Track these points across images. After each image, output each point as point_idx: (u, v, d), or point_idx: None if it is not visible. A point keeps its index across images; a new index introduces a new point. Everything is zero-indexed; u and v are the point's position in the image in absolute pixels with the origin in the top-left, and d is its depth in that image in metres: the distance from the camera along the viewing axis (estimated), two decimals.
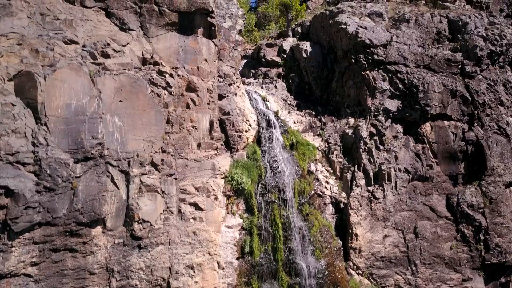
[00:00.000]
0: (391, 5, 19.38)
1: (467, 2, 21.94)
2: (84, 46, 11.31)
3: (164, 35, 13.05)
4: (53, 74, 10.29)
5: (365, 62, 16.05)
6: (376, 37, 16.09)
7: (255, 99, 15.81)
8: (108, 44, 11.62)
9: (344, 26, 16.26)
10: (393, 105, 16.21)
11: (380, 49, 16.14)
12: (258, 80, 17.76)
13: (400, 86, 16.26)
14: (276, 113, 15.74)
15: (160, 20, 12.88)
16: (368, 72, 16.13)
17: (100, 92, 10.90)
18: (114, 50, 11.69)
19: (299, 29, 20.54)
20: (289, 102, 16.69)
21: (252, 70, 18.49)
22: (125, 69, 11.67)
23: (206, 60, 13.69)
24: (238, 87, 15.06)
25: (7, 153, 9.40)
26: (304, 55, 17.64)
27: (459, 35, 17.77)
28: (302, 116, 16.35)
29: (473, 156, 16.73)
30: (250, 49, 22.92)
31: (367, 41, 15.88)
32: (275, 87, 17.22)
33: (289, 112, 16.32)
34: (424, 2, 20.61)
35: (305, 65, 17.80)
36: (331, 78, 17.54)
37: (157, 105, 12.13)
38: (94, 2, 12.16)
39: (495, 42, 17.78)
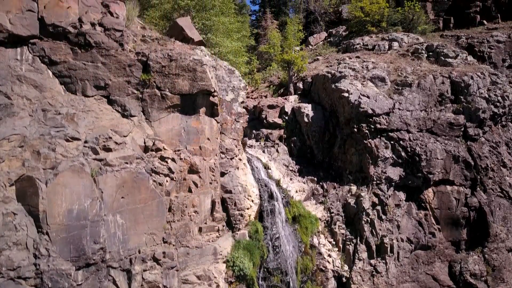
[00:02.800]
0: (393, 63, 19.29)
1: (470, 53, 21.94)
2: (86, 141, 11.22)
3: (166, 118, 12.97)
4: (55, 179, 10.22)
5: (367, 131, 15.99)
6: (379, 106, 16.03)
7: (257, 167, 15.74)
8: (110, 138, 11.54)
9: (346, 95, 16.21)
10: (395, 173, 16.15)
11: (383, 117, 16.09)
12: (260, 143, 17.70)
13: (403, 154, 16.21)
14: (278, 182, 15.67)
15: (162, 104, 12.81)
16: (370, 140, 16.08)
17: (102, 192, 10.83)
18: (116, 143, 11.61)
19: (300, 85, 20.46)
20: (291, 168, 16.63)
21: (254, 131, 18.43)
22: (126, 163, 11.58)
23: (208, 139, 13.63)
24: (240, 159, 14.99)
25: (9, 268, 9.32)
26: (306, 120, 17.57)
27: (461, 96, 17.74)
28: (304, 183, 16.28)
29: (475, 222, 16.70)
30: (251, 96, 22.87)
31: (370, 111, 15.83)
32: (277, 151, 17.16)
33: (291, 179, 16.25)
34: (426, 55, 20.60)
35: (306, 129, 17.73)
36: (333, 142, 17.49)
37: (159, 195, 12.06)
38: (96, 90, 12.07)
39: (498, 104, 17.78)
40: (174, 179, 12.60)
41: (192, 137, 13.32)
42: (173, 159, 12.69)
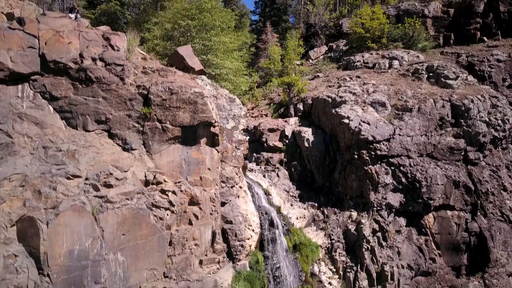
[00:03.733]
0: (394, 85, 19.28)
1: (470, 71, 21.93)
2: (86, 178, 11.21)
3: (167, 149, 12.98)
4: (56, 219, 10.22)
5: (368, 158, 15.99)
6: (379, 132, 16.03)
7: (257, 194, 15.73)
8: (111, 173, 11.53)
9: (346, 121, 16.21)
10: (396, 199, 16.15)
11: (383, 143, 16.09)
12: (260, 167, 17.70)
13: (403, 180, 16.21)
14: (279, 209, 15.66)
15: (163, 136, 12.81)
16: (371, 166, 16.08)
17: (103, 231, 10.83)
18: (117, 179, 11.61)
19: (301, 106, 20.45)
20: (291, 194, 16.63)
21: (255, 154, 18.42)
22: (127, 199, 11.58)
23: (209, 169, 13.64)
24: (241, 187, 14.99)
25: None
26: (306, 144, 17.58)
27: (462, 120, 17.74)
28: (304, 209, 16.28)
29: (476, 247, 16.68)
30: (251, 114, 22.86)
31: (370, 138, 15.83)
32: (277, 175, 17.16)
33: (291, 205, 16.25)
34: (426, 76, 20.61)
35: (307, 153, 17.74)
36: (333, 167, 17.48)
37: (159, 229, 12.05)
38: (97, 124, 12.07)
39: (498, 128, 17.78)
40: (175, 212, 12.59)
41: (192, 167, 13.33)
42: (173, 192, 12.68)
